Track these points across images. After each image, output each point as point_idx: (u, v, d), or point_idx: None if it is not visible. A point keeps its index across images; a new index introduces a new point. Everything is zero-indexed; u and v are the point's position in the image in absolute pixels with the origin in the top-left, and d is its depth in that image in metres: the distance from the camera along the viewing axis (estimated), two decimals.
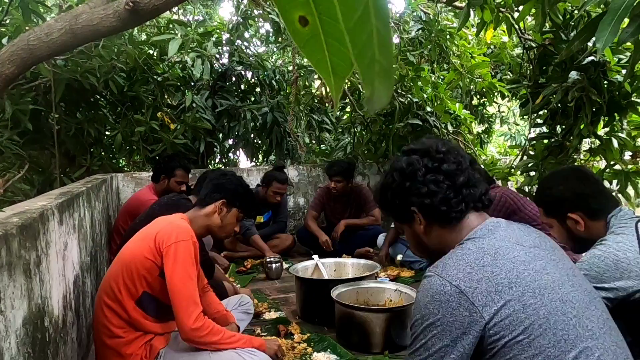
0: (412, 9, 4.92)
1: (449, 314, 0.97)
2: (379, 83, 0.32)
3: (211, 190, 1.97)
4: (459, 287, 0.97)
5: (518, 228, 1.12)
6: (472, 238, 1.08)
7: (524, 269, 0.99)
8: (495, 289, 0.97)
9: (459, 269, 1.00)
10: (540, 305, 0.95)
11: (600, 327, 0.98)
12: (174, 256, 1.70)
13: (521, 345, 0.93)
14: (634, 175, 3.37)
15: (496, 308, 0.95)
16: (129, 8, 2.14)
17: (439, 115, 4.67)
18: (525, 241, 1.07)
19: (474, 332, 0.96)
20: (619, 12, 1.69)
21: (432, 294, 1.00)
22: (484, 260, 1.01)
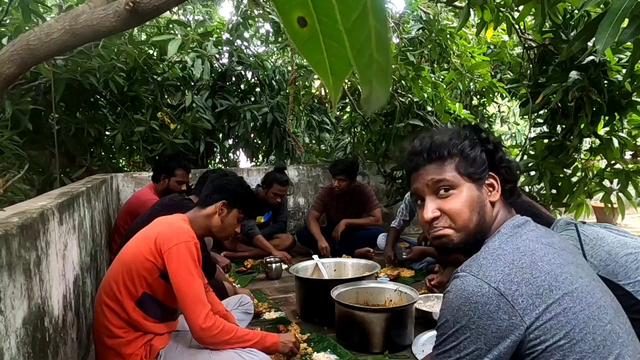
0: (412, 9, 4.92)
1: (485, 316, 0.91)
2: (376, 83, 0.32)
3: (212, 191, 1.97)
4: (499, 289, 0.92)
5: (544, 229, 1.09)
6: (505, 234, 1.03)
7: (561, 272, 0.96)
8: (537, 292, 0.92)
9: (497, 269, 0.94)
10: (580, 310, 0.92)
11: (627, 334, 0.97)
12: (177, 258, 1.70)
13: (562, 350, 0.90)
14: (635, 174, 3.37)
15: (538, 312, 0.91)
16: (129, 8, 2.14)
17: (439, 115, 4.67)
18: (554, 243, 1.04)
19: (513, 337, 0.91)
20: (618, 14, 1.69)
21: (468, 295, 0.93)
22: (522, 261, 0.96)
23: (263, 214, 4.31)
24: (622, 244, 1.50)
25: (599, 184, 3.58)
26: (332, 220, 4.28)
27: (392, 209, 5.05)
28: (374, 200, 4.19)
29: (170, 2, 2.25)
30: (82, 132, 4.36)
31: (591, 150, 3.58)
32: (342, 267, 3.10)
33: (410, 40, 4.79)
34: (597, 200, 3.84)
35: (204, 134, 5.16)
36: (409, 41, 4.79)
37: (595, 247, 1.48)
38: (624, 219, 5.25)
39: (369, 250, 3.96)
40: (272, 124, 5.58)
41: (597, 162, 3.75)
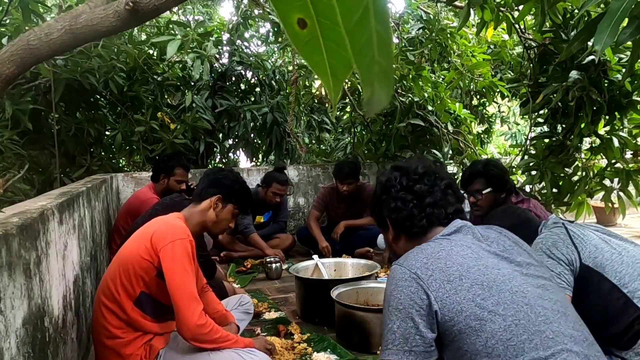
0: (412, 9, 4.91)
1: (408, 297, 1.10)
2: (378, 85, 0.32)
3: (207, 186, 1.97)
4: (417, 274, 1.12)
5: (480, 230, 1.27)
6: (436, 239, 1.23)
7: (474, 264, 1.13)
8: (448, 279, 1.10)
9: (418, 260, 1.15)
10: (489, 296, 1.08)
11: (554, 313, 1.08)
12: (172, 255, 1.69)
13: (475, 330, 1.05)
14: (635, 173, 3.37)
15: (448, 296, 1.08)
16: (129, 8, 2.14)
17: (440, 115, 4.67)
18: (482, 242, 1.22)
19: (430, 314, 1.08)
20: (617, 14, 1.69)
21: (395, 282, 1.14)
22: (439, 254, 1.16)
23: (263, 214, 4.31)
24: (606, 241, 1.64)
25: (599, 183, 3.58)
26: (333, 220, 4.28)
27: None
28: None
29: (170, 2, 2.25)
30: (82, 132, 4.36)
31: (592, 149, 3.58)
32: (342, 267, 3.10)
33: (410, 40, 4.79)
34: (598, 199, 3.83)
35: (204, 134, 5.16)
36: (409, 41, 4.79)
37: (584, 242, 1.62)
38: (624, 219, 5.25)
39: (369, 250, 3.96)
40: (272, 124, 5.58)
41: (598, 161, 3.75)
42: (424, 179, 1.31)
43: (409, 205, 1.29)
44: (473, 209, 2.82)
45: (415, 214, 1.28)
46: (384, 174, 1.38)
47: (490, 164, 2.75)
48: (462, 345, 1.06)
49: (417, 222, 1.28)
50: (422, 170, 1.32)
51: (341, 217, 4.15)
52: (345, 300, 2.40)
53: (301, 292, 2.77)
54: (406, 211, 1.29)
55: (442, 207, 1.28)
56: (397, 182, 1.32)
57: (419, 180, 1.31)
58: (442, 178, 1.33)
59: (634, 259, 1.58)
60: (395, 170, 1.35)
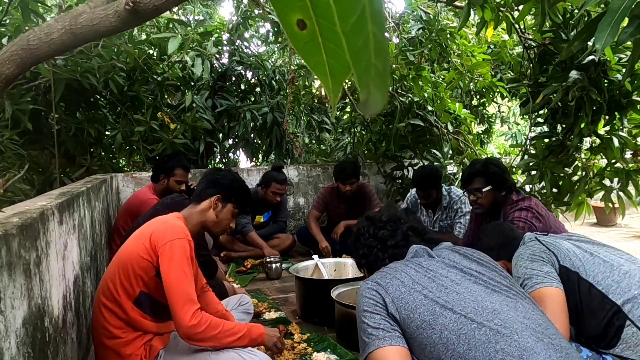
0: (412, 9, 4.91)
1: (372, 299, 1.28)
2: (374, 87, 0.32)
3: (206, 186, 1.97)
4: (377, 282, 1.31)
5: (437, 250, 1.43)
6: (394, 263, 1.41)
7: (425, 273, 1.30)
8: (403, 283, 1.28)
9: (378, 273, 1.37)
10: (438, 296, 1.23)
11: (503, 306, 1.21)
12: (170, 255, 1.69)
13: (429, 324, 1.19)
14: (635, 173, 3.37)
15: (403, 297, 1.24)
16: (129, 8, 2.14)
17: (439, 115, 4.67)
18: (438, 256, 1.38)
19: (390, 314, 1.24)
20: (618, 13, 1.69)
21: (362, 293, 1.32)
22: (397, 268, 1.35)
23: (262, 214, 4.31)
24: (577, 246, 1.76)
25: (599, 183, 3.58)
26: (333, 219, 4.28)
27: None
28: (374, 200, 4.18)
29: (170, 2, 2.25)
30: (82, 132, 4.36)
31: (591, 149, 3.58)
32: (342, 267, 3.10)
33: (410, 40, 4.78)
34: (598, 199, 3.83)
35: (204, 134, 5.16)
36: (409, 41, 4.78)
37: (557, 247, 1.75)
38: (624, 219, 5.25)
39: None
40: (272, 124, 5.58)
41: (598, 161, 3.75)
42: (387, 225, 1.52)
43: (373, 251, 1.50)
44: (474, 207, 2.83)
45: (380, 257, 1.49)
46: (359, 224, 1.62)
47: (490, 162, 2.75)
48: (422, 340, 1.18)
49: (381, 263, 1.46)
50: (385, 218, 1.54)
51: (341, 217, 4.15)
52: (345, 300, 2.40)
53: (301, 292, 2.77)
54: (372, 256, 1.51)
55: (403, 246, 1.46)
56: (365, 231, 1.55)
57: (382, 226, 1.52)
58: (406, 222, 1.53)
59: (605, 258, 1.67)
60: (365, 220, 1.60)
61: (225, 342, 1.72)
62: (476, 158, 4.38)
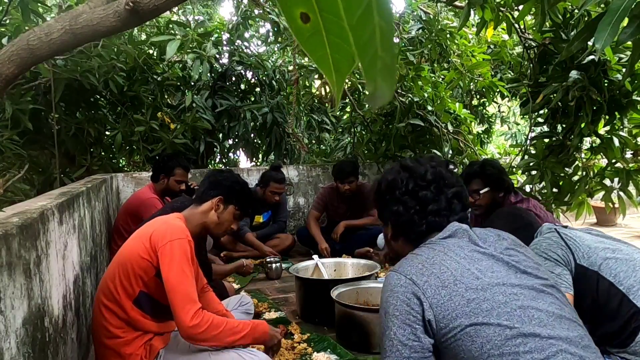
0: (412, 9, 4.91)
1: (405, 303, 1.10)
2: (381, 80, 0.32)
3: (208, 187, 1.97)
4: (412, 280, 1.12)
5: (479, 232, 1.26)
6: (430, 243, 1.22)
7: (468, 268, 1.12)
8: (442, 284, 1.10)
9: (412, 265, 1.16)
10: (483, 300, 1.07)
11: (548, 316, 1.07)
12: (170, 255, 1.69)
13: (470, 336, 1.04)
14: (635, 173, 3.37)
15: (443, 302, 1.08)
16: (129, 8, 2.14)
17: (439, 115, 4.67)
18: (478, 244, 1.20)
19: (427, 320, 1.08)
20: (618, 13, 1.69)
21: (391, 288, 1.14)
22: (434, 259, 1.15)
23: (262, 214, 4.30)
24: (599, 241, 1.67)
25: (599, 183, 3.57)
26: (333, 219, 4.28)
27: None
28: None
29: (170, 2, 2.25)
30: (82, 132, 4.36)
31: (592, 149, 3.58)
32: (342, 267, 3.10)
33: (410, 40, 4.79)
34: (598, 199, 3.83)
35: (204, 133, 5.16)
36: (409, 41, 4.79)
37: (577, 242, 1.66)
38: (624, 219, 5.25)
39: (369, 250, 3.96)
40: (272, 124, 5.58)
41: (598, 161, 3.75)
42: (430, 186, 1.27)
43: (410, 212, 1.27)
44: (472, 209, 2.83)
45: (415, 220, 1.27)
46: (392, 171, 1.34)
47: (487, 163, 2.76)
48: (459, 352, 1.05)
49: (416, 229, 1.27)
50: (430, 176, 1.28)
51: (341, 217, 4.15)
52: (345, 300, 2.40)
53: (301, 292, 2.77)
54: (407, 217, 1.27)
55: (445, 216, 1.27)
56: (402, 185, 1.29)
57: (425, 186, 1.27)
58: (451, 185, 1.29)
59: (627, 257, 1.60)
60: (403, 171, 1.32)
61: (227, 342, 1.72)
62: (476, 159, 4.39)
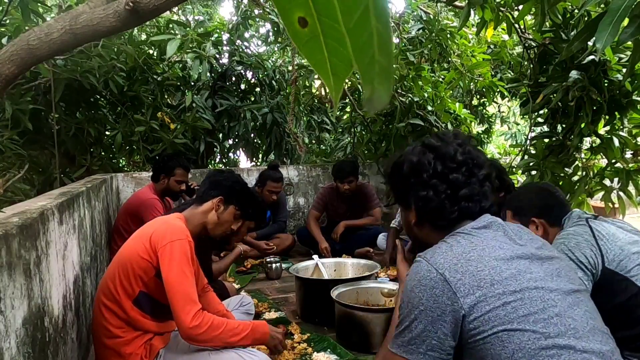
0: (412, 9, 4.92)
1: (432, 299, 1.01)
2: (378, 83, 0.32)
3: (208, 188, 1.97)
4: (444, 275, 1.02)
5: (512, 228, 1.16)
6: (464, 233, 1.11)
7: (507, 267, 1.03)
8: (478, 284, 1.00)
9: (446, 258, 1.05)
10: (520, 304, 0.98)
11: (584, 326, 1.00)
12: (170, 255, 1.69)
13: (501, 341, 0.96)
14: (635, 173, 3.37)
15: (477, 302, 0.99)
16: (129, 8, 2.14)
17: (440, 114, 4.67)
18: (514, 241, 1.11)
19: (454, 321, 1.00)
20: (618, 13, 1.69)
21: (419, 278, 1.04)
22: (471, 255, 1.04)
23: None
24: (633, 242, 1.56)
25: (599, 183, 3.57)
26: (333, 219, 4.28)
27: (391, 208, 5.05)
28: (374, 199, 4.18)
29: (170, 2, 2.25)
30: (82, 132, 4.36)
31: (592, 149, 3.58)
32: (342, 267, 3.10)
33: (410, 40, 4.79)
34: (598, 199, 3.83)
35: (204, 133, 5.16)
36: (409, 41, 4.79)
37: (609, 243, 1.55)
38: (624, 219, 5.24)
39: (369, 250, 3.96)
40: (272, 124, 5.58)
41: (598, 161, 3.75)
42: (461, 168, 1.14)
43: (441, 197, 1.14)
44: None
45: (446, 206, 1.14)
46: (414, 151, 1.20)
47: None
48: (486, 355, 0.98)
49: (447, 215, 1.14)
50: (461, 157, 1.15)
51: (341, 217, 4.15)
52: (345, 300, 2.40)
53: (301, 292, 2.77)
54: (437, 202, 1.14)
55: (478, 201, 1.15)
56: (430, 167, 1.15)
57: (456, 169, 1.14)
58: (481, 166, 1.17)
59: None
60: (429, 151, 1.17)
61: (227, 343, 1.72)
62: None
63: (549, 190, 1.86)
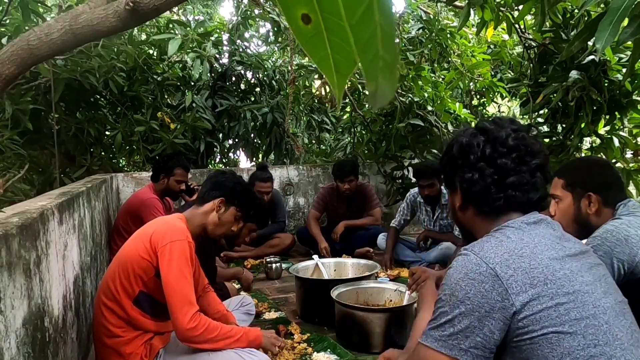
0: (412, 9, 4.92)
1: (480, 294, 0.96)
2: (382, 79, 0.32)
3: (210, 188, 1.97)
4: (495, 270, 0.96)
5: (559, 229, 1.12)
6: (513, 227, 1.06)
7: (560, 267, 0.98)
8: (531, 282, 0.95)
9: (497, 253, 0.99)
10: (573, 307, 0.95)
11: (628, 338, 0.97)
12: (169, 256, 1.69)
13: (550, 343, 0.92)
14: (635, 173, 3.37)
15: (529, 300, 0.94)
16: (129, 8, 2.14)
17: (440, 114, 4.67)
18: (564, 242, 1.06)
19: (503, 319, 0.95)
20: (618, 13, 1.69)
21: (467, 272, 0.99)
22: (523, 251, 0.99)
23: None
24: None
25: None
26: (333, 219, 4.28)
27: (391, 208, 5.05)
28: (374, 200, 4.18)
29: (170, 2, 2.25)
30: (82, 132, 4.36)
31: (592, 149, 3.58)
32: (342, 267, 3.09)
33: (410, 40, 4.79)
34: None
35: (204, 133, 5.16)
36: (409, 41, 4.79)
37: None
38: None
39: (369, 250, 3.96)
40: (272, 124, 5.58)
41: None
42: (512, 154, 1.09)
43: (487, 180, 1.09)
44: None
45: (491, 191, 1.09)
46: (466, 133, 1.16)
47: None
48: (531, 356, 0.94)
49: (491, 202, 1.10)
50: (512, 142, 1.09)
51: (341, 217, 4.15)
52: (345, 300, 2.40)
53: (301, 292, 2.77)
54: (482, 185, 1.10)
55: (527, 191, 1.09)
56: (479, 149, 1.11)
57: (506, 154, 1.09)
58: (534, 154, 1.10)
59: None
60: (480, 134, 1.13)
61: (221, 345, 1.74)
62: None
63: (612, 168, 1.72)
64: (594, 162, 1.78)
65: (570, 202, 1.67)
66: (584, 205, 1.64)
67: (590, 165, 1.74)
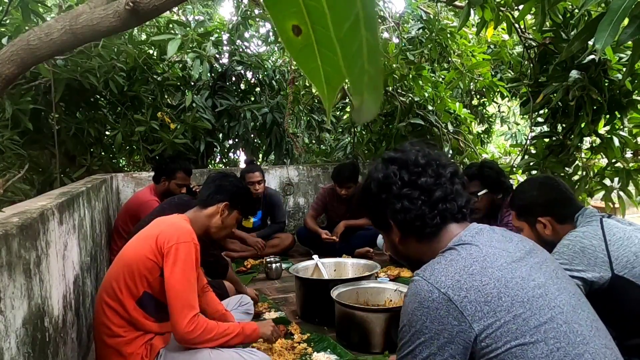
0: (412, 9, 4.91)
1: (437, 321, 0.95)
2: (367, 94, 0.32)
3: (214, 192, 1.98)
4: (447, 295, 0.96)
5: (501, 232, 1.13)
6: (460, 244, 1.07)
7: (512, 277, 0.98)
8: (485, 299, 0.95)
9: (448, 275, 0.99)
10: (530, 315, 0.94)
11: (589, 330, 0.98)
12: (174, 257, 1.70)
13: (515, 357, 0.92)
14: (635, 173, 3.37)
15: (486, 319, 0.94)
16: (129, 8, 2.13)
17: (440, 114, 4.67)
18: (509, 246, 1.07)
19: (463, 342, 0.94)
20: (618, 13, 1.69)
21: (420, 300, 0.98)
22: (473, 268, 0.99)
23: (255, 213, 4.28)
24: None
25: (599, 182, 3.57)
26: (333, 220, 4.28)
27: None
28: None
29: (170, 2, 2.25)
30: (82, 132, 4.36)
31: (592, 149, 3.58)
32: (342, 267, 3.10)
33: (410, 39, 4.79)
34: (598, 199, 3.83)
35: (204, 133, 5.16)
36: (409, 41, 4.79)
37: (622, 248, 1.46)
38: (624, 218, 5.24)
39: (369, 250, 3.96)
40: (272, 124, 5.58)
41: (598, 160, 3.75)
42: (427, 170, 1.12)
43: (417, 203, 1.10)
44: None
45: (426, 212, 1.10)
46: (378, 168, 1.17)
47: (485, 165, 2.73)
48: None
49: (430, 222, 1.11)
50: (423, 160, 1.13)
51: (341, 217, 4.15)
52: (345, 300, 2.40)
53: (301, 292, 2.77)
54: (416, 210, 1.10)
55: (453, 199, 1.12)
56: (397, 178, 1.12)
57: (422, 172, 1.12)
58: (445, 165, 1.15)
59: None
60: (391, 164, 1.15)
61: (219, 343, 1.75)
62: (476, 159, 4.38)
63: (551, 184, 1.73)
64: (535, 185, 1.76)
65: (528, 231, 1.71)
66: (540, 230, 1.67)
67: (532, 189, 1.73)
